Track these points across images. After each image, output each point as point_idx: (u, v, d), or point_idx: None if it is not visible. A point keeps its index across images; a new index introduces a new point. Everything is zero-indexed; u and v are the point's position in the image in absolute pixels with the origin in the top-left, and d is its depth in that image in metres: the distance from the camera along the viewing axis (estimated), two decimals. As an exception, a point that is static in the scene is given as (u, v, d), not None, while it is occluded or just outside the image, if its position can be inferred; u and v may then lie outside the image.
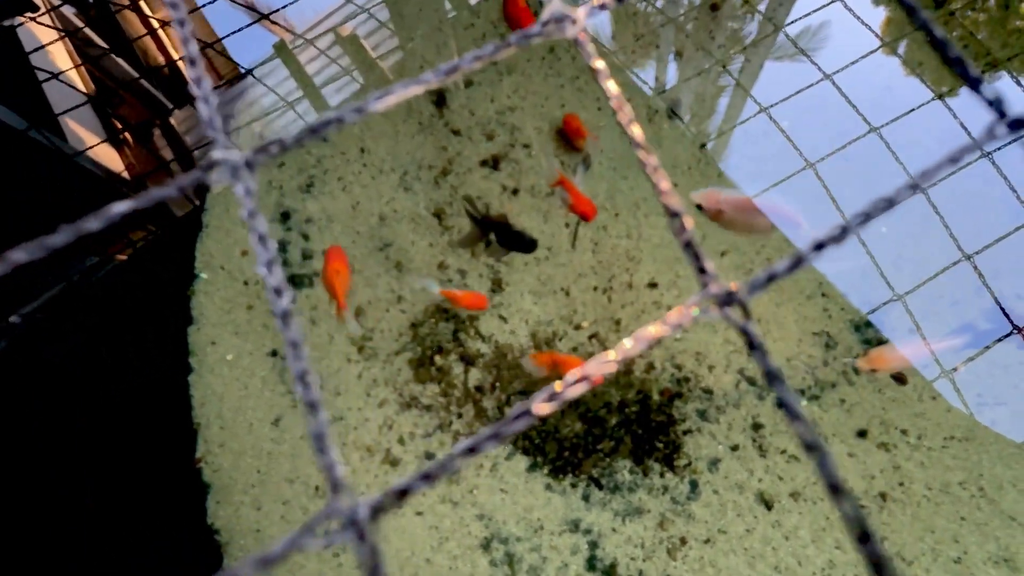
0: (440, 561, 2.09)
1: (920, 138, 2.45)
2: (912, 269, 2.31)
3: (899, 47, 2.66)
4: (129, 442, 2.22)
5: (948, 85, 2.53)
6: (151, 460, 2.22)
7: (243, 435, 2.25)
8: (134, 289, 2.41)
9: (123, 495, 2.17)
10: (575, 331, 2.32)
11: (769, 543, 2.07)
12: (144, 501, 2.17)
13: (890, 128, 2.46)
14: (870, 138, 2.45)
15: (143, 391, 2.29)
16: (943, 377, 2.17)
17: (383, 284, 2.40)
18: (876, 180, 2.41)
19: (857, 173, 2.43)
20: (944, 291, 2.27)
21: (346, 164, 2.53)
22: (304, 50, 2.79)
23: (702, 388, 2.24)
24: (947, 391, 2.18)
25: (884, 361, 1.91)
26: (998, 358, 2.19)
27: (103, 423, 2.25)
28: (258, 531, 2.16)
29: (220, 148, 0.30)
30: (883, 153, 2.45)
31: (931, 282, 2.28)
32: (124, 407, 2.26)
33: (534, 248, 2.02)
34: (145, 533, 2.13)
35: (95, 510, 2.14)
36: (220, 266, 2.42)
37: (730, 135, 2.55)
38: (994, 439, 2.11)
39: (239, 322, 2.36)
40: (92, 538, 2.12)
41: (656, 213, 2.45)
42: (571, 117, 2.44)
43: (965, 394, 2.16)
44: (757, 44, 2.67)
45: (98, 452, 2.21)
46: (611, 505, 2.13)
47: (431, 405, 2.26)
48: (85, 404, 2.26)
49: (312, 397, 0.27)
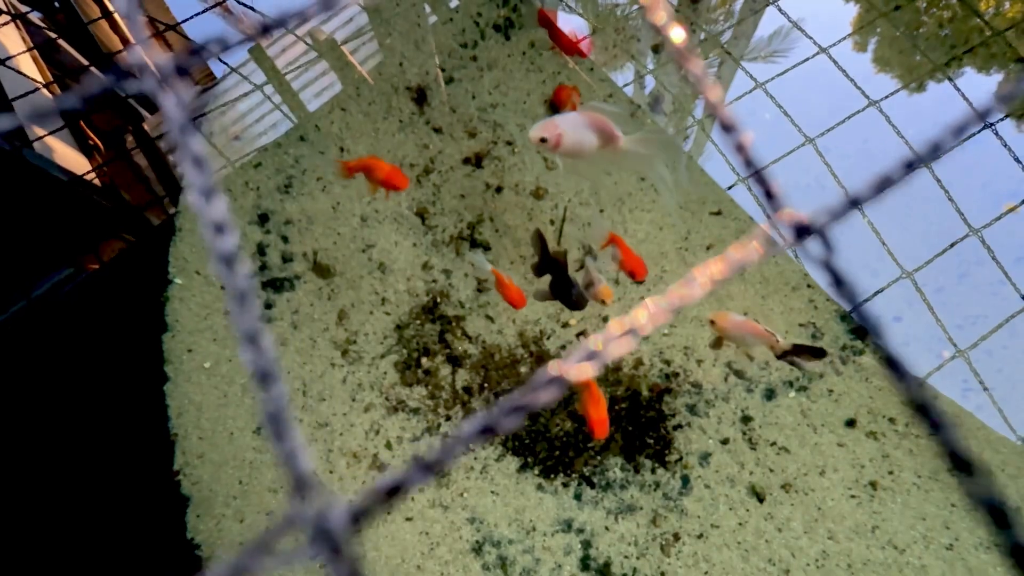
0: (431, 567, 2.04)
1: (902, 126, 2.47)
2: (899, 255, 2.32)
3: (869, 43, 2.69)
4: (103, 456, 2.14)
5: (917, 77, 2.56)
6: (127, 474, 2.13)
7: (223, 445, 2.17)
8: (107, 298, 2.33)
9: (98, 511, 2.08)
10: (563, 329, 2.30)
11: (762, 536, 2.05)
12: (121, 517, 2.08)
13: (867, 117, 2.47)
14: (858, 128, 2.47)
15: (117, 402, 2.20)
16: (958, 357, 2.17)
17: (366, 286, 2.35)
18: (863, 161, 2.42)
19: (844, 156, 2.44)
20: (927, 278, 2.29)
21: (325, 164, 2.48)
22: (280, 54, 2.73)
23: (691, 383, 2.23)
24: (936, 379, 2.19)
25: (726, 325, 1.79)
26: (983, 344, 2.21)
27: (75, 438, 2.16)
28: (241, 544, 2.09)
29: (140, 47, 0.25)
30: (871, 135, 2.47)
31: (916, 267, 2.30)
32: (97, 420, 2.18)
33: (581, 307, 1.87)
34: (123, 550, 2.05)
35: (69, 527, 2.05)
36: (195, 271, 2.35)
37: (712, 127, 2.55)
38: (981, 425, 2.12)
39: (217, 328, 2.29)
40: (68, 556, 2.03)
41: (641, 208, 2.44)
42: (562, 88, 2.39)
43: (951, 381, 2.17)
44: (742, 22, 2.68)
45: (71, 468, 2.12)
46: (603, 503, 2.10)
47: (419, 408, 2.22)
48: (55, 418, 2.17)
49: (264, 365, 0.21)
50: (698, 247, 2.38)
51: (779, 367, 2.23)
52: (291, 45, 2.70)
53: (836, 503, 2.08)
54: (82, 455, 2.13)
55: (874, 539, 2.03)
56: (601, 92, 2.53)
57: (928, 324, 2.24)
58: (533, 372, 2.23)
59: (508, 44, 2.62)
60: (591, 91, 2.55)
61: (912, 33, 2.67)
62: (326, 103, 2.56)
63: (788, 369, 2.23)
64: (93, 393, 2.20)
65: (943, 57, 2.60)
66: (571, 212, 2.41)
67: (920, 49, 2.59)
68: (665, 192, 2.33)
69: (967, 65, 2.60)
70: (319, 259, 2.37)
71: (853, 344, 2.23)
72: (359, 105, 2.54)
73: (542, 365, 2.23)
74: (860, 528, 2.04)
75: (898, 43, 2.66)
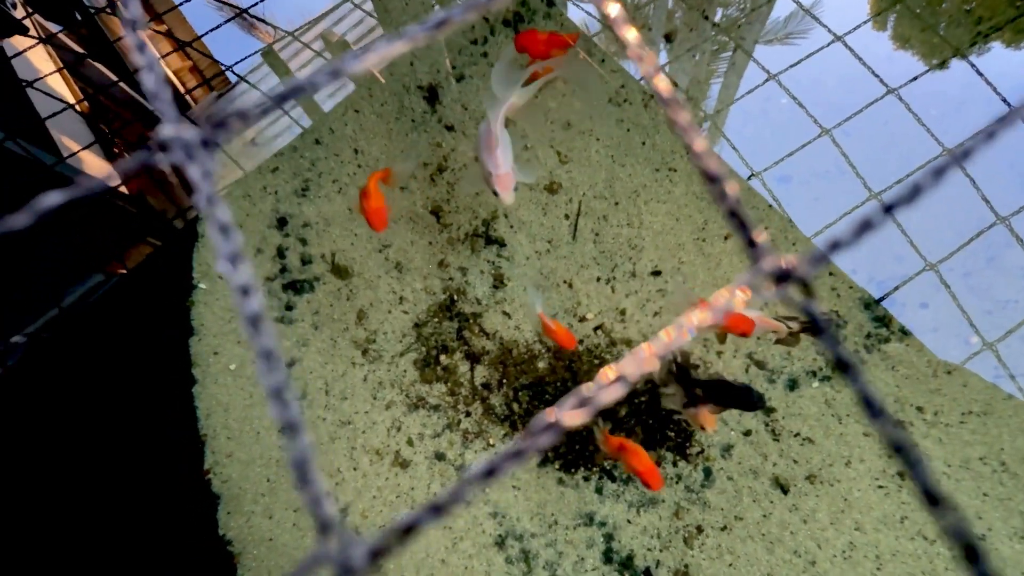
0: (455, 561, 2.07)
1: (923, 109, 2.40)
2: (920, 243, 2.26)
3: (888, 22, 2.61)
4: (137, 459, 2.21)
5: (939, 56, 2.48)
6: (159, 475, 2.21)
7: (251, 444, 2.23)
8: (135, 304, 2.40)
9: (133, 511, 2.16)
10: (580, 323, 2.29)
11: (787, 527, 2.03)
12: (154, 516, 2.16)
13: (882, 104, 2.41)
14: (875, 117, 2.40)
15: (148, 405, 2.28)
16: (986, 349, 2.11)
17: (384, 285, 2.38)
18: (887, 144, 2.36)
19: (865, 139, 2.38)
20: (955, 263, 2.23)
21: (340, 166, 2.51)
22: (293, 57, 2.77)
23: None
24: (969, 364, 2.13)
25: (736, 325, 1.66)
26: (1016, 330, 2.15)
27: (110, 441, 2.24)
28: (271, 540, 2.15)
29: (170, 124, 0.27)
30: (891, 118, 2.40)
31: (941, 259, 2.23)
32: (130, 423, 2.25)
33: (761, 406, 1.69)
34: (157, 548, 2.12)
35: (105, 528, 2.14)
36: (218, 275, 2.40)
37: (726, 115, 2.51)
38: (1013, 412, 2.06)
39: (241, 331, 2.34)
40: (104, 557, 2.11)
41: (656, 200, 2.41)
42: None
43: (980, 368, 2.12)
44: (755, 12, 2.63)
45: (105, 470, 2.21)
46: (625, 496, 2.10)
47: (439, 405, 2.24)
48: (90, 421, 2.26)
49: (292, 417, 0.23)
50: (716, 237, 2.35)
51: (801, 357, 2.19)
52: (303, 49, 2.74)
53: (863, 494, 2.05)
54: (116, 458, 2.21)
55: (903, 530, 2.00)
56: (613, 84, 2.51)
57: (956, 310, 2.18)
58: (551, 368, 2.24)
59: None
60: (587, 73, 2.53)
61: (934, 9, 2.58)
62: (339, 105, 2.59)
63: (811, 359, 2.19)
64: (125, 397, 2.28)
65: (967, 34, 2.51)
66: (586, 206, 2.40)
67: (937, 28, 2.50)
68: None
69: (994, 41, 2.50)
70: (337, 260, 2.40)
71: (878, 332, 2.18)
72: (371, 106, 2.56)
73: (559, 361, 2.24)
74: (888, 519, 2.01)
75: (919, 20, 2.57)
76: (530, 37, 1.88)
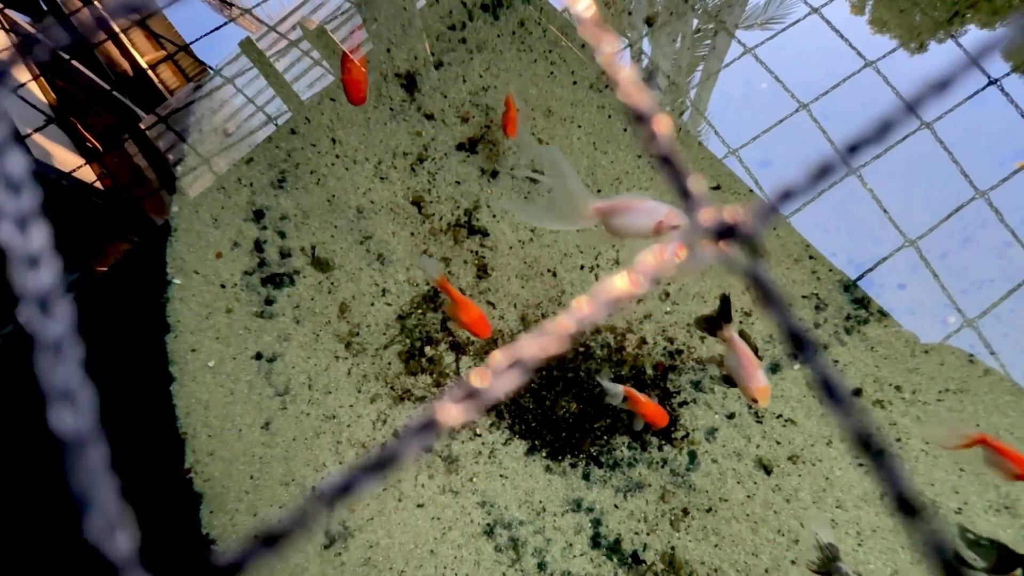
0: (444, 551, 2.07)
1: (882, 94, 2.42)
2: (895, 226, 2.29)
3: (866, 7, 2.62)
4: (117, 458, 2.17)
5: (918, 40, 2.49)
6: (139, 475, 2.16)
7: (233, 442, 2.20)
8: (112, 301, 2.34)
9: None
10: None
11: (771, 507, 2.07)
12: (135, 517, 2.12)
13: (855, 81, 2.42)
14: (855, 96, 2.42)
15: (124, 403, 2.23)
16: (967, 327, 2.14)
17: (366, 278, 2.34)
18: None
19: (846, 121, 2.40)
20: (931, 243, 2.26)
21: (318, 156, 2.46)
22: (271, 48, 2.69)
23: (695, 359, 2.22)
24: (943, 344, 2.17)
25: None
26: (993, 309, 2.19)
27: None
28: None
29: None
30: (871, 99, 2.41)
31: (920, 235, 2.26)
32: (109, 423, 2.20)
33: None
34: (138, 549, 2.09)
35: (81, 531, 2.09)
36: (193, 270, 2.35)
37: (708, 101, 2.50)
38: (988, 389, 2.11)
39: (219, 326, 2.30)
40: (85, 560, 2.07)
41: (639, 186, 2.40)
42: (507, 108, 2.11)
43: (957, 344, 2.16)
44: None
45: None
46: (611, 482, 2.12)
47: (424, 396, 2.23)
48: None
49: (82, 427, 0.17)
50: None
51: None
52: (280, 39, 2.66)
53: (844, 472, 2.08)
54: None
55: (883, 506, 2.04)
56: (594, 70, 2.49)
57: (934, 290, 2.21)
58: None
59: (497, 24, 2.57)
60: (579, 74, 2.50)
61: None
62: (316, 94, 2.53)
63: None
64: (103, 396, 2.22)
65: (944, 15, 2.53)
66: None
67: (920, 7, 2.52)
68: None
69: (970, 23, 2.52)
70: (317, 253, 2.36)
71: (857, 314, 2.21)
72: (349, 94, 2.50)
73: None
74: (869, 496, 2.05)
75: (897, 3, 2.58)
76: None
